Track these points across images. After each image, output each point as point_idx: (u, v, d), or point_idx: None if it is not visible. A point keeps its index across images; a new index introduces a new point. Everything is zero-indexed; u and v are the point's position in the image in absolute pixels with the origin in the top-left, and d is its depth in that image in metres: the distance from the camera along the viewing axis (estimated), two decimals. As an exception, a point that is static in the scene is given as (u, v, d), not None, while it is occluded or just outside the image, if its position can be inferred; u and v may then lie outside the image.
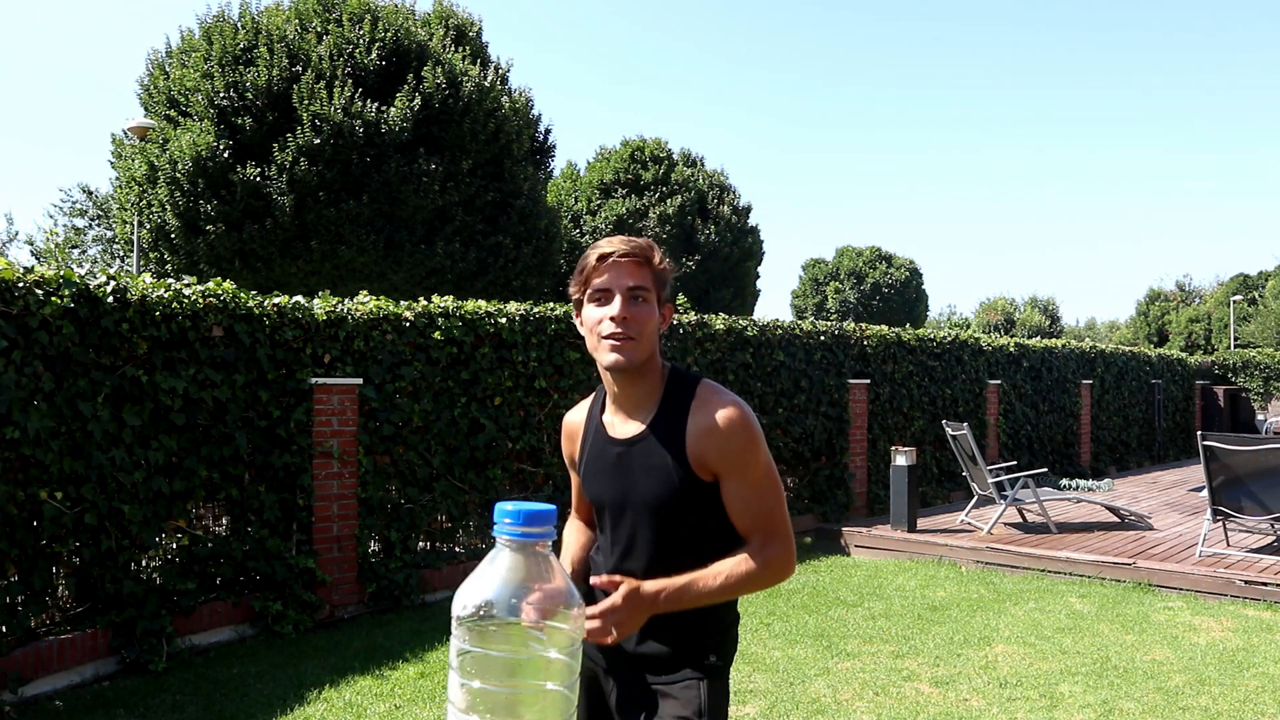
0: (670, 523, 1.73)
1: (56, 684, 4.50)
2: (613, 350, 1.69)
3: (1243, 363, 18.76)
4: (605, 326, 1.69)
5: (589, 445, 1.84)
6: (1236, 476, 6.80)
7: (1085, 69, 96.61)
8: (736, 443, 1.70)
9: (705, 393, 1.75)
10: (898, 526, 8.24)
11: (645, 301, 1.71)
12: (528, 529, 0.95)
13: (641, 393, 1.77)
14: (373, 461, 6.09)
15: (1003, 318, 55.68)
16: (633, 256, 1.72)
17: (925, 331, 11.04)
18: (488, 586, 0.93)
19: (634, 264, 1.71)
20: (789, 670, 4.79)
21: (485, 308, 6.72)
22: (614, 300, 1.69)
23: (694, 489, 1.71)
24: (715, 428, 1.69)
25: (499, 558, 0.95)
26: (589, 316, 1.73)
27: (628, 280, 1.70)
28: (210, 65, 16.16)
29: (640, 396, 1.77)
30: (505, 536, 0.94)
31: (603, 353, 1.70)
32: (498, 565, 0.94)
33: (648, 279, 1.72)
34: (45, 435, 4.45)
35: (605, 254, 1.72)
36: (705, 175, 27.28)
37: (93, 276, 4.78)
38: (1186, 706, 4.30)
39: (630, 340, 1.69)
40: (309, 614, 5.57)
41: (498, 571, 0.94)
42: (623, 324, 1.68)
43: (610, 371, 1.73)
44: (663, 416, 1.74)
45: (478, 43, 18.84)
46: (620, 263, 1.71)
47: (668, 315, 1.80)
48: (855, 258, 42.08)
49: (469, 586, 0.94)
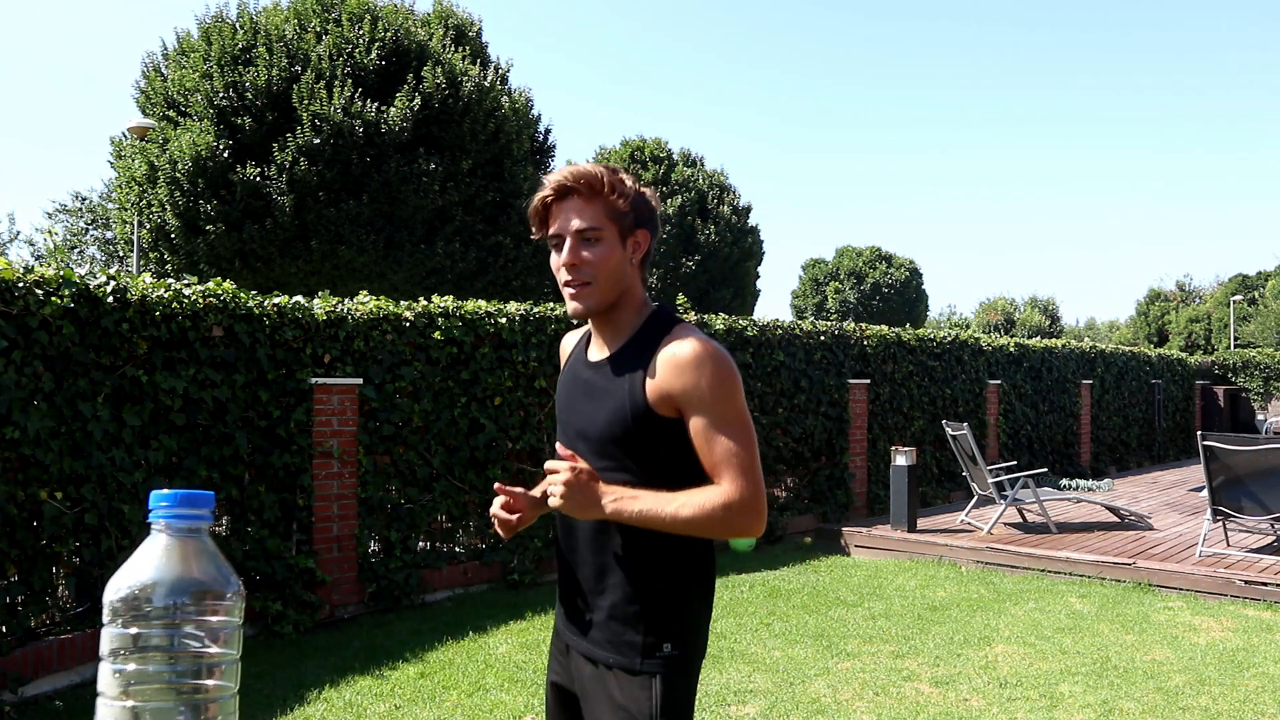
0: (615, 454, 1.60)
1: (56, 684, 4.50)
2: (571, 299, 1.62)
3: (1243, 363, 18.76)
4: (562, 274, 1.62)
5: (569, 364, 1.78)
6: (1236, 476, 6.80)
7: (1085, 69, 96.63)
8: (704, 376, 1.56)
9: (682, 330, 1.63)
10: (898, 526, 8.24)
11: (599, 241, 1.59)
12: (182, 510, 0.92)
13: (617, 326, 1.67)
14: (373, 461, 6.09)
15: (1003, 318, 55.68)
16: (578, 192, 1.59)
17: (925, 331, 11.04)
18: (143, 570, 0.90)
19: (580, 201, 1.59)
20: (789, 670, 4.79)
21: (485, 308, 6.72)
22: (564, 246, 1.60)
23: (647, 423, 1.58)
24: (683, 359, 1.56)
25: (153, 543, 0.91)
26: (552, 264, 1.65)
27: (574, 221, 1.59)
28: (209, 65, 16.16)
29: (615, 330, 1.68)
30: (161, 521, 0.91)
31: (566, 301, 1.64)
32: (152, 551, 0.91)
33: (599, 215, 1.59)
34: (45, 435, 4.45)
35: (545, 196, 1.62)
36: (705, 175, 27.28)
37: (92, 276, 4.78)
38: (1186, 706, 4.30)
39: (585, 285, 1.60)
40: (309, 614, 5.57)
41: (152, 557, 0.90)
42: (572, 270, 1.59)
43: (571, 318, 1.68)
44: (630, 346, 1.64)
45: (477, 43, 18.84)
46: (565, 203, 1.60)
47: (642, 242, 1.65)
48: (855, 258, 42.08)
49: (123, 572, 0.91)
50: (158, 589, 0.87)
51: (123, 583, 0.89)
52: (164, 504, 0.88)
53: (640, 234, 1.65)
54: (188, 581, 0.88)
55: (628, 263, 1.64)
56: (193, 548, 0.90)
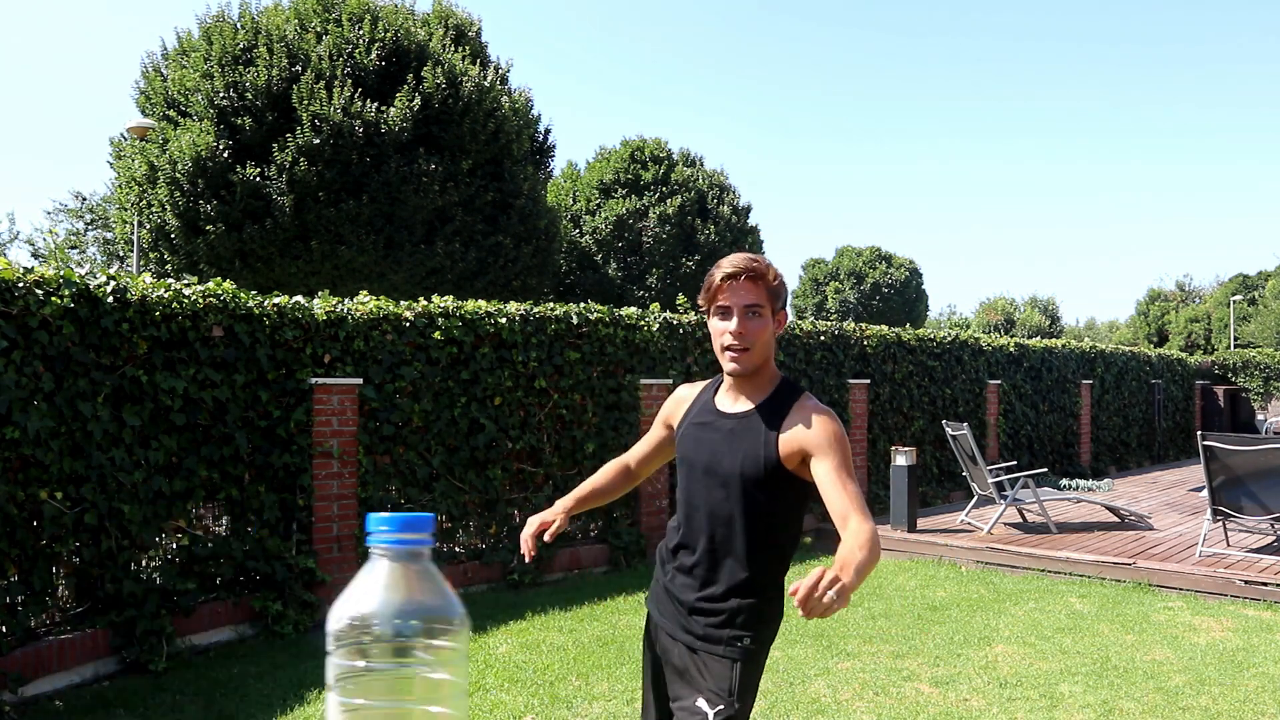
0: (745, 490, 1.98)
1: (56, 684, 4.50)
2: (732, 360, 2.00)
3: (1243, 363, 18.75)
4: (726, 339, 1.99)
5: (695, 411, 2.14)
6: (1236, 476, 6.80)
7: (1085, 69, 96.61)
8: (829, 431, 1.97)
9: (808, 398, 2.05)
10: (898, 526, 8.24)
11: (760, 316, 2.00)
12: (404, 535, 0.89)
13: (754, 386, 2.07)
14: (373, 461, 6.09)
15: (1003, 318, 55.66)
16: (749, 275, 1.99)
17: (925, 331, 11.04)
18: (367, 600, 0.87)
19: (750, 282, 1.98)
20: (789, 670, 4.79)
21: (485, 308, 6.72)
22: (733, 317, 1.98)
23: (775, 469, 1.98)
24: (813, 418, 1.99)
25: (376, 569, 0.89)
26: (714, 328, 2.04)
27: (745, 298, 1.98)
28: (210, 65, 16.15)
29: (752, 389, 2.07)
30: (382, 546, 0.88)
31: (725, 361, 2.02)
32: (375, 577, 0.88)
33: (763, 295, 1.99)
34: (45, 435, 4.45)
35: (728, 274, 1.99)
36: (705, 175, 27.26)
37: (92, 276, 4.78)
38: (1186, 706, 4.30)
39: (745, 351, 1.99)
40: (309, 614, 5.57)
41: (376, 584, 0.88)
42: (739, 338, 1.98)
43: (730, 376, 2.06)
44: (768, 404, 2.04)
45: (477, 43, 18.84)
46: (739, 282, 1.99)
47: (782, 321, 2.07)
48: (855, 258, 42.06)
49: (345, 600, 0.88)
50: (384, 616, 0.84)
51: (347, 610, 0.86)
52: (384, 528, 0.86)
53: (782, 315, 2.07)
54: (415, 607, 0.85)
55: (773, 336, 2.05)
56: (416, 572, 0.87)
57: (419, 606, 0.85)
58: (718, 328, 2.02)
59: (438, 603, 0.86)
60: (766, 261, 2.01)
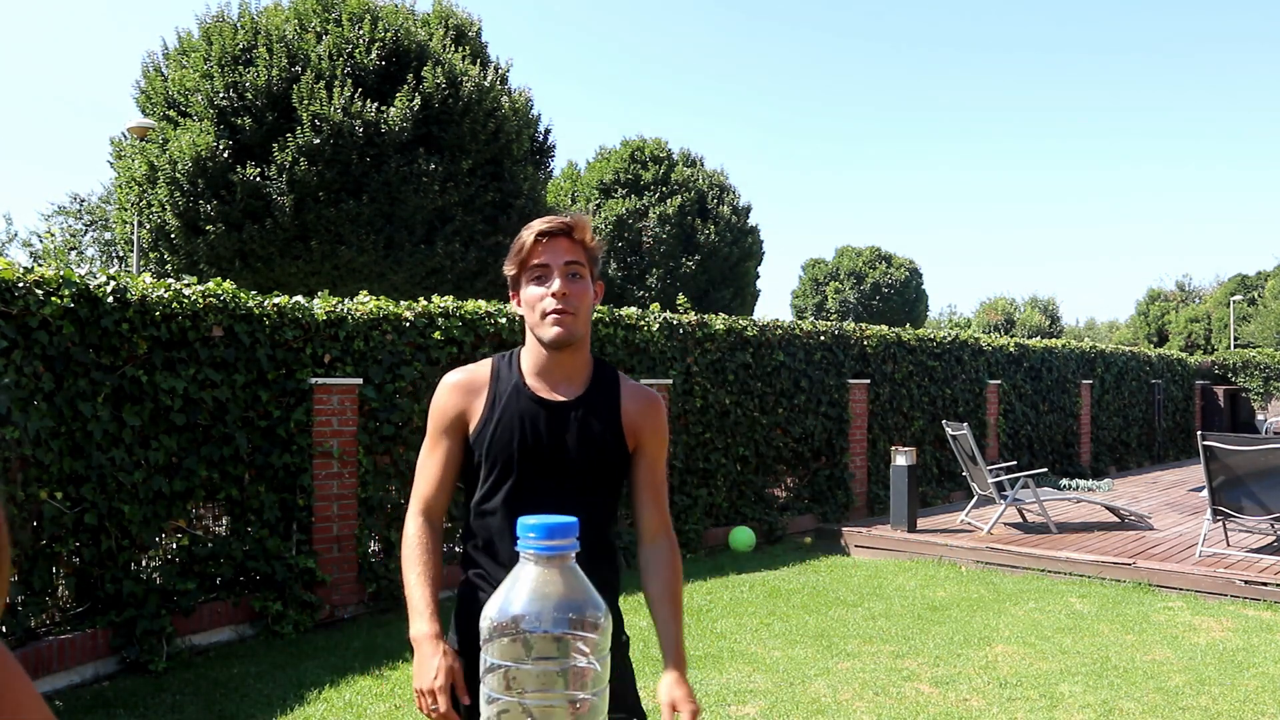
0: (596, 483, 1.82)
1: (56, 684, 4.50)
2: (555, 324, 1.74)
3: (1243, 363, 18.75)
4: (547, 303, 1.75)
5: (503, 403, 1.80)
6: (1236, 476, 6.80)
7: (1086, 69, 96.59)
8: (663, 419, 1.88)
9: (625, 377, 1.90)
10: (898, 526, 8.24)
11: (581, 278, 1.78)
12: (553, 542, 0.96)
13: (575, 366, 1.83)
14: (373, 461, 6.09)
15: (1003, 318, 55.66)
16: (567, 233, 1.78)
17: (925, 331, 11.04)
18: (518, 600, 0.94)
19: (569, 241, 1.78)
20: (789, 670, 4.79)
21: (485, 308, 6.72)
22: (553, 277, 1.75)
23: (622, 455, 1.84)
24: (651, 402, 1.87)
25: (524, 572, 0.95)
26: (529, 295, 1.78)
27: (564, 256, 1.76)
28: (210, 65, 16.15)
29: (572, 369, 1.83)
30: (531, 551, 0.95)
31: (545, 328, 1.75)
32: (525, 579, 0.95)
33: (581, 255, 1.78)
34: (45, 435, 4.45)
35: (543, 231, 1.77)
36: (705, 175, 27.26)
37: (92, 276, 4.78)
38: (1186, 706, 4.30)
39: (570, 315, 1.74)
40: (309, 614, 5.57)
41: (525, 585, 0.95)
42: (563, 300, 1.74)
43: (550, 346, 1.77)
44: (597, 387, 1.84)
45: (477, 43, 18.83)
46: (556, 240, 1.77)
47: (599, 292, 1.86)
48: (855, 258, 42.07)
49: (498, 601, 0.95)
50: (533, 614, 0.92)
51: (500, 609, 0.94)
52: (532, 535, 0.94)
53: (599, 285, 1.86)
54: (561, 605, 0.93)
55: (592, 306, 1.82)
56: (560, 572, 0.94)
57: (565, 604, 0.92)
58: (534, 293, 1.76)
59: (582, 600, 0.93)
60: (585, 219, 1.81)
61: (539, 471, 1.78)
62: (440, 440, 1.84)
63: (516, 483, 1.78)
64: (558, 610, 0.91)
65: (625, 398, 1.85)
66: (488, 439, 1.79)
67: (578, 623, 0.92)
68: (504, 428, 1.79)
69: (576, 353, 1.82)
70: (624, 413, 1.83)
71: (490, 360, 1.88)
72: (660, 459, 1.88)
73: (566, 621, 0.91)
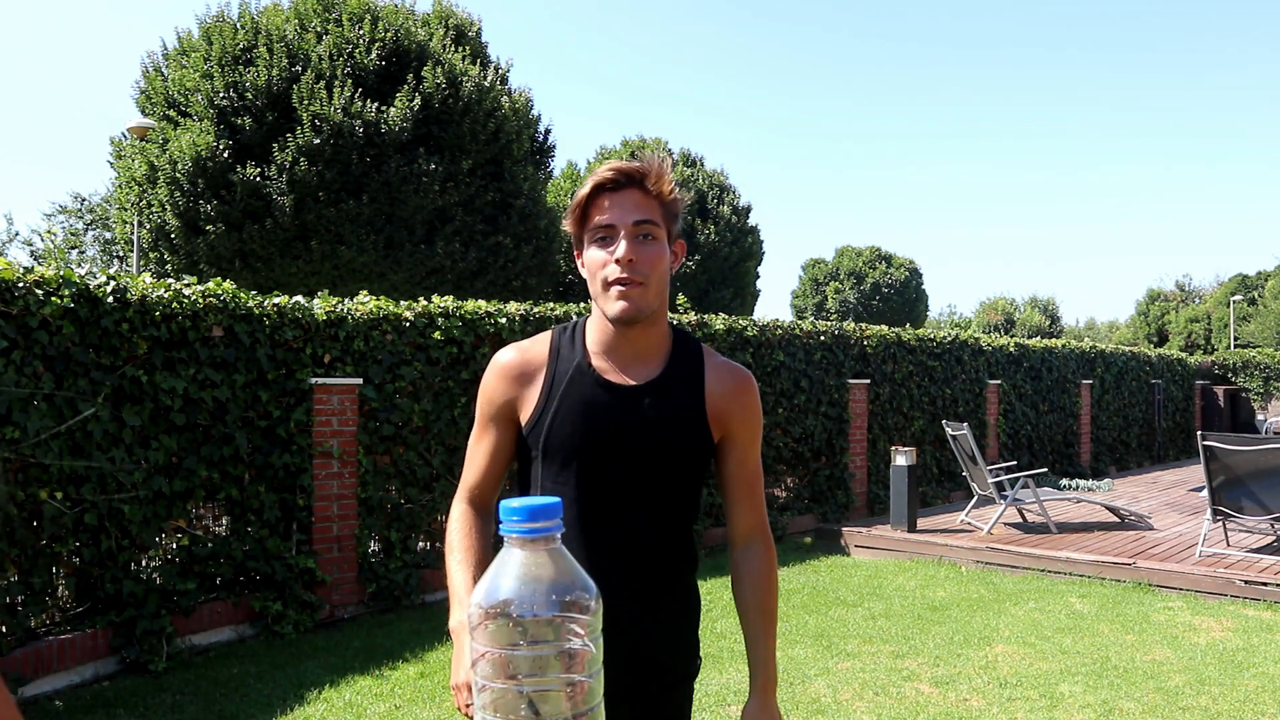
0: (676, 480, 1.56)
1: (56, 684, 4.50)
2: (621, 298, 1.45)
3: (1243, 363, 18.75)
4: (612, 270, 1.46)
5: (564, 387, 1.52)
6: (1236, 476, 6.80)
7: (1086, 69, 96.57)
8: (756, 406, 1.60)
9: (712, 353, 1.62)
10: (898, 526, 8.24)
11: (654, 239, 1.48)
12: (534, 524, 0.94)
13: (649, 343, 1.54)
14: (373, 461, 6.09)
15: (1003, 318, 55.66)
16: (636, 182, 1.48)
17: (925, 331, 11.04)
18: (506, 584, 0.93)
19: (639, 195, 1.47)
20: (789, 670, 4.79)
21: (485, 308, 6.72)
22: (619, 239, 1.46)
23: (706, 447, 1.57)
24: (741, 383, 1.59)
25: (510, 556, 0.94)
26: (591, 259, 1.49)
27: (633, 214, 1.46)
28: (210, 65, 16.16)
29: (647, 347, 1.54)
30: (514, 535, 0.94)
31: (609, 301, 1.47)
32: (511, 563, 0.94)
33: (655, 212, 1.48)
34: (45, 435, 4.45)
35: (606, 182, 1.47)
36: (705, 175, 27.27)
37: (92, 276, 4.77)
38: (1186, 706, 4.30)
39: (639, 286, 1.45)
40: (309, 614, 5.57)
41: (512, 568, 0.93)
42: (630, 268, 1.45)
43: (616, 322, 1.49)
44: (676, 366, 1.56)
45: (477, 43, 18.84)
46: (624, 193, 1.47)
47: (680, 253, 1.57)
48: (855, 258, 42.07)
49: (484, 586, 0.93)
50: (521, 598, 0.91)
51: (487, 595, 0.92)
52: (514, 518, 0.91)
53: (679, 245, 1.57)
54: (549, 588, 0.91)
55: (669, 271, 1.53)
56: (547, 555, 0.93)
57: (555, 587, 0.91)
58: (596, 259, 1.48)
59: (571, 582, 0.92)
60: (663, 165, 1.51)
61: (607, 470, 1.51)
62: (488, 429, 1.59)
63: (581, 483, 1.52)
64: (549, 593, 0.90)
65: (711, 378, 1.57)
66: (544, 432, 1.53)
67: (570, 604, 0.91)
68: (563, 419, 1.52)
69: (650, 328, 1.53)
70: (709, 396, 1.56)
71: (549, 334, 1.60)
72: (753, 449, 1.62)
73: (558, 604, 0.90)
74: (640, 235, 1.46)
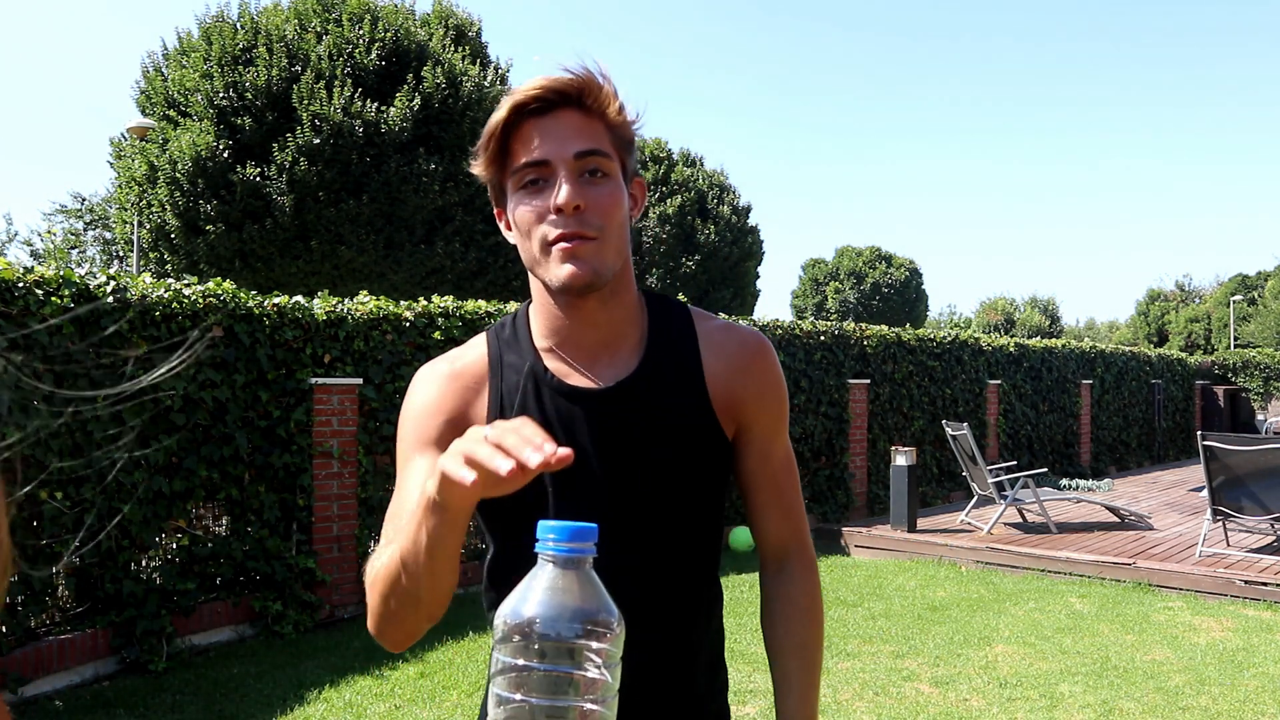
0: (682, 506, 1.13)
1: (56, 684, 4.50)
2: (567, 259, 1.03)
3: (1243, 363, 18.75)
4: (550, 226, 1.04)
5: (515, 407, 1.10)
6: (1236, 476, 6.80)
7: (1086, 69, 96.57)
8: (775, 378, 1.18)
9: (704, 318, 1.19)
10: (898, 526, 8.24)
11: (605, 176, 1.06)
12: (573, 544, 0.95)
13: (616, 320, 1.12)
14: (373, 461, 6.09)
15: (1003, 318, 55.66)
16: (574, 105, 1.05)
17: (925, 331, 11.04)
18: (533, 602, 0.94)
19: (578, 117, 1.06)
20: (789, 670, 4.79)
21: (485, 308, 6.72)
22: (557, 181, 1.03)
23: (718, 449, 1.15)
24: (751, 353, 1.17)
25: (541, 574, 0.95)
26: (520, 215, 1.06)
27: (572, 144, 1.04)
28: (210, 65, 16.16)
29: (613, 326, 1.12)
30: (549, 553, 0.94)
31: (552, 267, 1.05)
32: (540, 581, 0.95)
33: (602, 138, 1.07)
34: (45, 435, 4.45)
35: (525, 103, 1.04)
36: (705, 175, 27.27)
37: (92, 276, 4.78)
38: (1186, 706, 4.30)
39: (592, 241, 1.04)
40: (309, 614, 5.57)
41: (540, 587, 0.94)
42: (577, 217, 1.03)
43: (566, 294, 1.07)
44: (659, 348, 1.13)
45: (477, 43, 18.84)
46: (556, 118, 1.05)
47: (640, 196, 1.14)
48: (855, 258, 42.06)
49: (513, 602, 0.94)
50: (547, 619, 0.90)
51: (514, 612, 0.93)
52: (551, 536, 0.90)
53: (638, 183, 1.15)
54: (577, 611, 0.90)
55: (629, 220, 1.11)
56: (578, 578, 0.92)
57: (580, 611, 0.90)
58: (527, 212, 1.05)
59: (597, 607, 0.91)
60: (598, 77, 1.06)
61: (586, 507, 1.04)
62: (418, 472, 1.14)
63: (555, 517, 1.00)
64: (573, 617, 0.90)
65: (709, 355, 1.15)
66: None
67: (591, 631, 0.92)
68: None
69: (613, 299, 1.10)
70: (710, 381, 1.14)
71: (481, 340, 1.18)
72: (778, 437, 1.20)
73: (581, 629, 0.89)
74: (586, 171, 1.04)
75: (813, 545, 1.25)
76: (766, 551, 1.24)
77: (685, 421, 1.12)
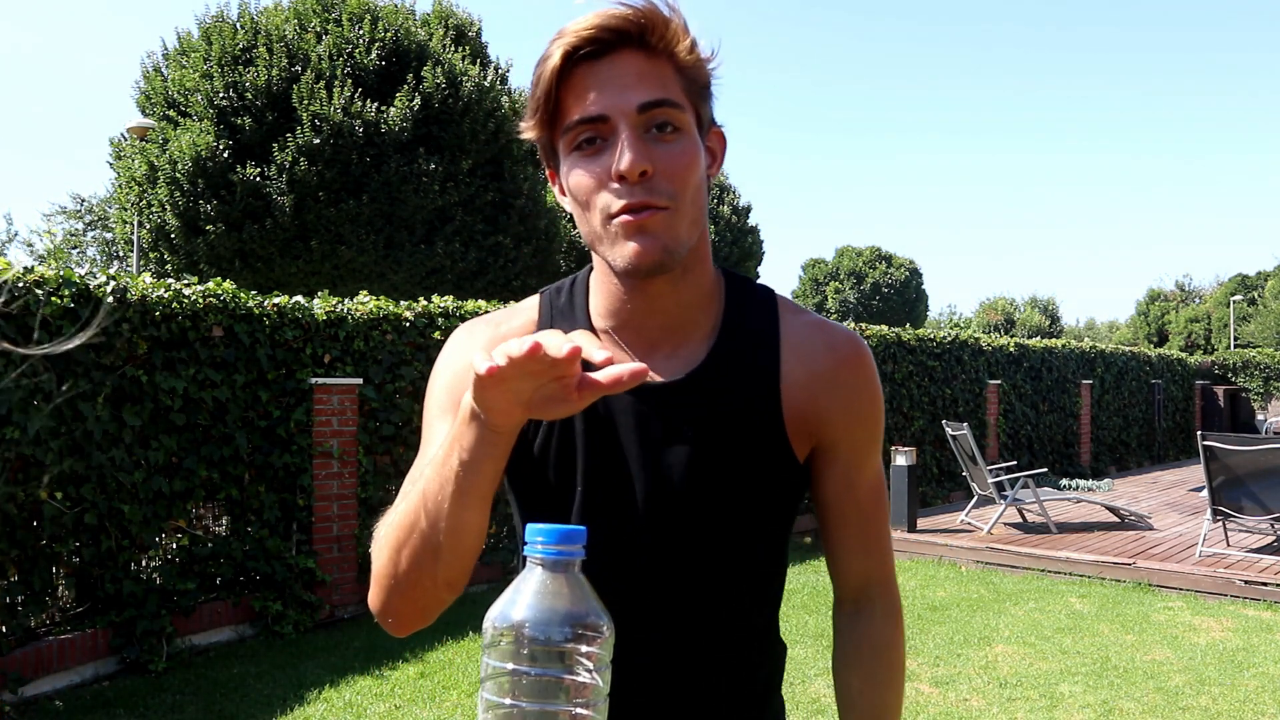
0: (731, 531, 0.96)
1: (56, 684, 4.50)
2: (633, 236, 0.87)
3: (1243, 363, 18.75)
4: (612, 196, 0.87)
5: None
6: (1236, 476, 6.80)
7: (1087, 70, 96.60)
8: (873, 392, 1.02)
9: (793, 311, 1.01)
10: (897, 526, 8.24)
11: (677, 131, 0.88)
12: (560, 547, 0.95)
13: (686, 304, 0.96)
14: (373, 461, 6.09)
15: (1003, 318, 55.65)
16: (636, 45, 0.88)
17: (925, 331, 11.04)
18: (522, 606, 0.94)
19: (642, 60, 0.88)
20: (789, 670, 4.79)
21: (485, 308, 6.72)
22: (618, 140, 0.86)
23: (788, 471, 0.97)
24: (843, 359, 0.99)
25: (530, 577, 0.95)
26: (576, 182, 0.89)
27: (636, 94, 0.86)
28: (210, 65, 16.16)
29: (682, 311, 0.96)
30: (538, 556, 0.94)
31: (615, 246, 0.88)
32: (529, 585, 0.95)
33: (672, 84, 0.89)
34: (45, 435, 4.45)
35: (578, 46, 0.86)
36: (705, 175, 27.26)
37: (92, 276, 4.78)
38: (1186, 706, 4.30)
39: (662, 212, 0.87)
40: (309, 614, 5.57)
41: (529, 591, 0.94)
42: (644, 184, 0.86)
43: (632, 276, 0.90)
44: (731, 339, 0.97)
45: (477, 43, 18.84)
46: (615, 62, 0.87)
47: (720, 149, 0.98)
48: (855, 258, 42.07)
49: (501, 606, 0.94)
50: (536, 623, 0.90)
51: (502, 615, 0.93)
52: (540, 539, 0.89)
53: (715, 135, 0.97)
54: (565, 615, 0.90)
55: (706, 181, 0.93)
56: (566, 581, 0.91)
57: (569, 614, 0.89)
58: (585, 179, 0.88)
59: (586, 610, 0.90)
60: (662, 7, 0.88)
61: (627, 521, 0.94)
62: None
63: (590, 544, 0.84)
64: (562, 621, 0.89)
65: (790, 357, 0.97)
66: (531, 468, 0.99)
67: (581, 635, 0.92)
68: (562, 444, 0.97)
69: (686, 279, 0.94)
70: (786, 390, 0.96)
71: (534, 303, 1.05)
72: (868, 462, 1.05)
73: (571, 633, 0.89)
74: (653, 126, 0.87)
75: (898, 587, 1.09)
76: (844, 589, 1.08)
77: (746, 436, 0.94)
